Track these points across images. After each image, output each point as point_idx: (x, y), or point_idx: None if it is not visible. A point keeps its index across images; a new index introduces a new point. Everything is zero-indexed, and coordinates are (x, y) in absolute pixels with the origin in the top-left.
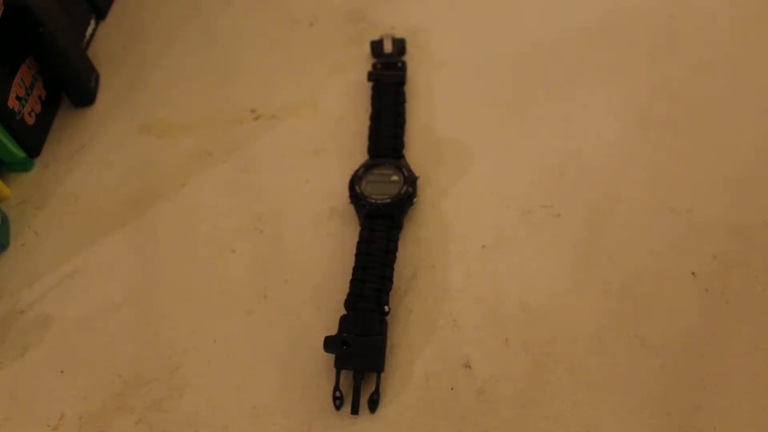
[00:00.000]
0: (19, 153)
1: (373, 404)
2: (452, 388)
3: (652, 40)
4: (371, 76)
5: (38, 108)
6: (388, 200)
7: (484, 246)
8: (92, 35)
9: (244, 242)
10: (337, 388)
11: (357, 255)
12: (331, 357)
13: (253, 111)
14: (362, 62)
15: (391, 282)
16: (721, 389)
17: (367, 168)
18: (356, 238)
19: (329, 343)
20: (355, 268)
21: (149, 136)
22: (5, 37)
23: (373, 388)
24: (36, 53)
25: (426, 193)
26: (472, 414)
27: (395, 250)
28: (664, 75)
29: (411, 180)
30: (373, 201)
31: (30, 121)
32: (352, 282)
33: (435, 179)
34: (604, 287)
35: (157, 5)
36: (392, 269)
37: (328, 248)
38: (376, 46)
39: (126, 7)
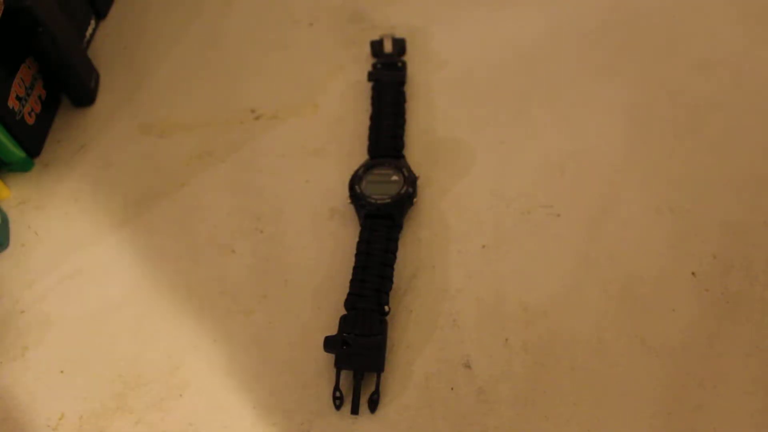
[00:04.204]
0: (19, 153)
1: (373, 404)
2: (452, 388)
3: (652, 40)
4: (371, 76)
5: (38, 108)
6: (388, 200)
7: (484, 246)
8: (92, 35)
9: (244, 242)
10: (337, 388)
11: (357, 255)
12: (331, 357)
13: (253, 111)
14: (362, 62)
15: (391, 282)
16: (721, 389)
17: (367, 168)
18: (356, 238)
19: (329, 343)
20: (355, 268)
21: (149, 136)
22: (5, 37)
23: (373, 388)
24: (36, 53)
25: (426, 193)
26: (472, 414)
27: (395, 250)
28: (664, 75)
29: (411, 180)
30: (373, 201)
31: (30, 121)
32: (352, 282)
33: (435, 179)
34: (604, 287)
35: (157, 6)
36: (392, 269)
37: (328, 248)
38: (376, 46)
39: (126, 7)
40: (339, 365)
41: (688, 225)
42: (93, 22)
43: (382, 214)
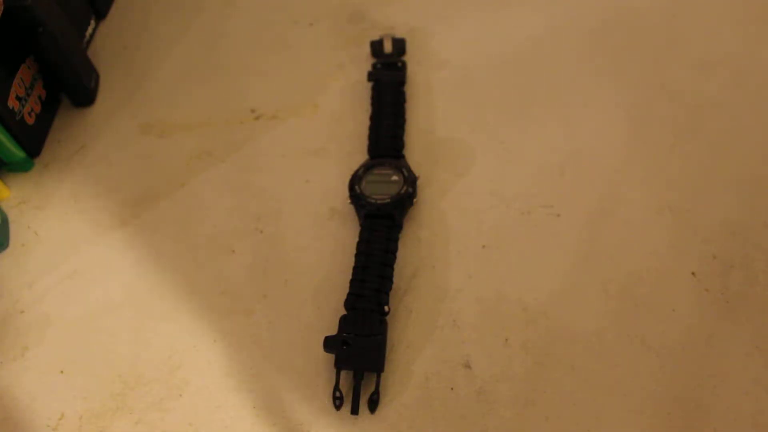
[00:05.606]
0: (19, 153)
1: (373, 404)
2: (452, 388)
3: (653, 40)
4: (371, 76)
5: (38, 108)
6: (388, 200)
7: (484, 246)
8: (92, 35)
9: (244, 242)
10: (337, 388)
11: (357, 255)
12: (331, 357)
13: (253, 111)
14: (362, 62)
15: (391, 282)
16: (721, 389)
17: (367, 168)
18: (356, 238)
19: (329, 343)
20: (355, 268)
21: (149, 136)
22: (5, 37)
23: (373, 388)
24: (36, 53)
25: (426, 193)
26: (472, 414)
27: (395, 250)
28: (664, 75)
29: (411, 180)
30: (373, 201)
31: (30, 121)
32: (352, 282)
33: (435, 179)
34: (604, 287)
35: (157, 6)
36: (392, 269)
37: (328, 248)
38: (376, 46)
39: (126, 7)
40: (339, 365)
41: (688, 225)
42: (93, 22)
43: (382, 214)
